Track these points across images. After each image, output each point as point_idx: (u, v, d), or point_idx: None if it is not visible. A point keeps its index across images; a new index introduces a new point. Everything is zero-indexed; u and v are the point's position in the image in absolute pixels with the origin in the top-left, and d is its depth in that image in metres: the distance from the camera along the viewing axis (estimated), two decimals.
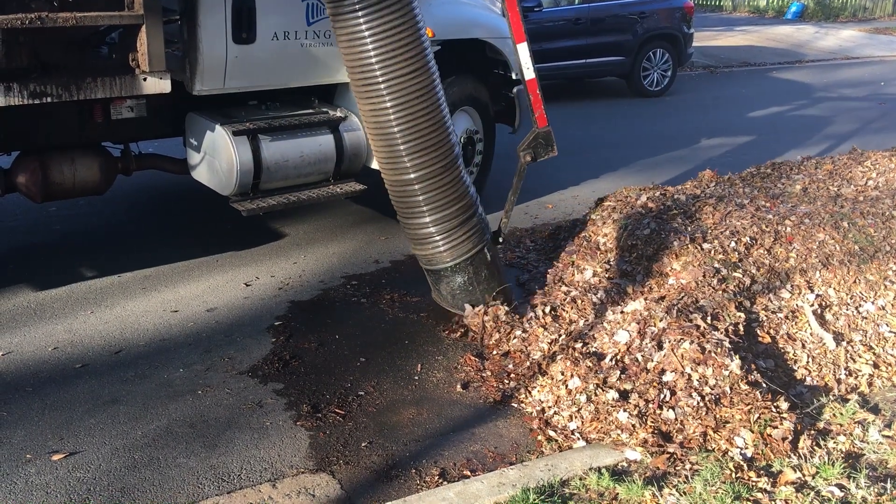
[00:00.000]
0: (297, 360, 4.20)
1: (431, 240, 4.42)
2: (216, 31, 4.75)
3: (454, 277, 4.51)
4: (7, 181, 4.87)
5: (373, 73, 4.05)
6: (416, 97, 4.11)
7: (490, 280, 4.57)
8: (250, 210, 5.06)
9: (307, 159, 5.26)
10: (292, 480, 3.28)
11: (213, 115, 5.11)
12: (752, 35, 19.16)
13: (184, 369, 4.09)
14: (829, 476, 3.16)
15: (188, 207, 6.44)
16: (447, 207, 4.34)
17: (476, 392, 3.98)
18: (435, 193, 4.30)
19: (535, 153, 4.68)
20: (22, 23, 3.93)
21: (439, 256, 4.46)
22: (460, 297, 4.56)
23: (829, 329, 4.17)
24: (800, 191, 5.75)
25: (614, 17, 11.42)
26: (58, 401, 3.78)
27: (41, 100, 4.16)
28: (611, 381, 3.73)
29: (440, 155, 4.25)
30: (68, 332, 4.40)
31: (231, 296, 4.92)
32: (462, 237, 4.42)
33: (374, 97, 4.11)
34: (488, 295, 4.55)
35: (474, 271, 4.49)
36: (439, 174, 4.27)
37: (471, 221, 4.44)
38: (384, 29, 3.98)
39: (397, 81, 4.05)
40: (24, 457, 3.37)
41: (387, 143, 4.21)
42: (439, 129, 4.23)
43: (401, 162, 4.23)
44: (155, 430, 3.59)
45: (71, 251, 5.44)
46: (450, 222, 4.37)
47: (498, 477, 3.22)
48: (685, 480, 3.15)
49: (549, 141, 4.69)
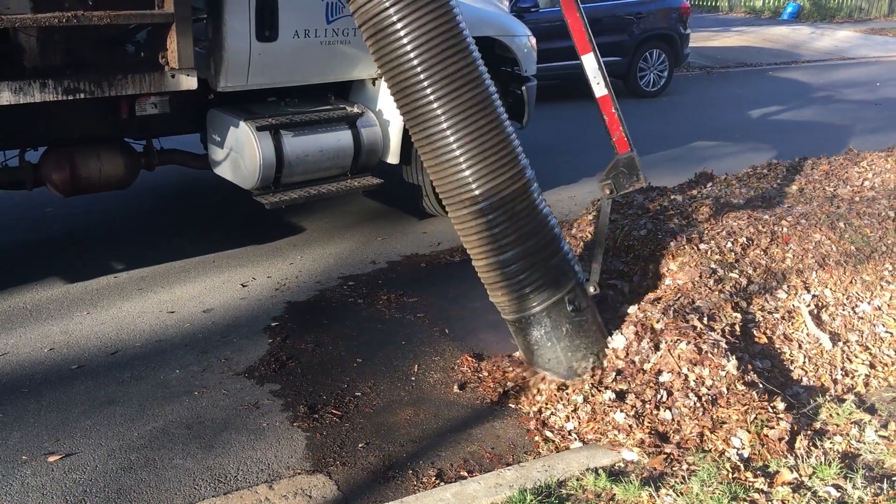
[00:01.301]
0: (293, 361, 4.20)
1: (497, 284, 3.76)
2: (241, 30, 4.90)
3: (529, 330, 3.85)
4: (36, 175, 5.02)
5: (424, 93, 3.49)
6: (474, 109, 3.52)
7: (574, 336, 3.83)
8: (273, 203, 5.19)
9: (326, 154, 5.42)
10: (289, 481, 3.28)
11: (235, 111, 5.26)
12: (749, 35, 19.20)
13: (180, 370, 4.09)
14: (825, 476, 3.16)
15: (183, 208, 6.44)
16: (520, 244, 3.63)
17: (473, 393, 3.98)
18: (507, 226, 3.60)
19: (615, 184, 3.99)
20: (59, 21, 4.08)
21: (510, 304, 3.80)
22: (539, 353, 3.89)
23: (825, 329, 4.17)
24: (796, 191, 5.75)
25: (611, 17, 11.44)
26: (54, 402, 3.77)
27: (74, 96, 4.28)
28: (607, 382, 3.73)
29: (512, 177, 3.59)
30: (64, 334, 4.39)
31: (227, 296, 4.91)
32: (536, 282, 3.72)
33: (428, 119, 3.53)
34: (572, 354, 3.83)
35: (552, 324, 3.80)
36: (511, 200, 3.58)
37: (550, 263, 3.73)
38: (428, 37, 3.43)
39: (451, 95, 3.48)
40: (20, 458, 3.36)
41: (448, 165, 3.58)
42: (507, 147, 3.61)
43: (468, 188, 3.56)
44: (151, 432, 3.58)
45: (66, 252, 5.43)
46: (520, 263, 3.66)
47: (495, 478, 3.22)
48: (682, 481, 3.15)
49: (632, 169, 3.98)
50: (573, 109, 10.58)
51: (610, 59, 11.41)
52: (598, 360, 3.85)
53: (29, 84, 4.14)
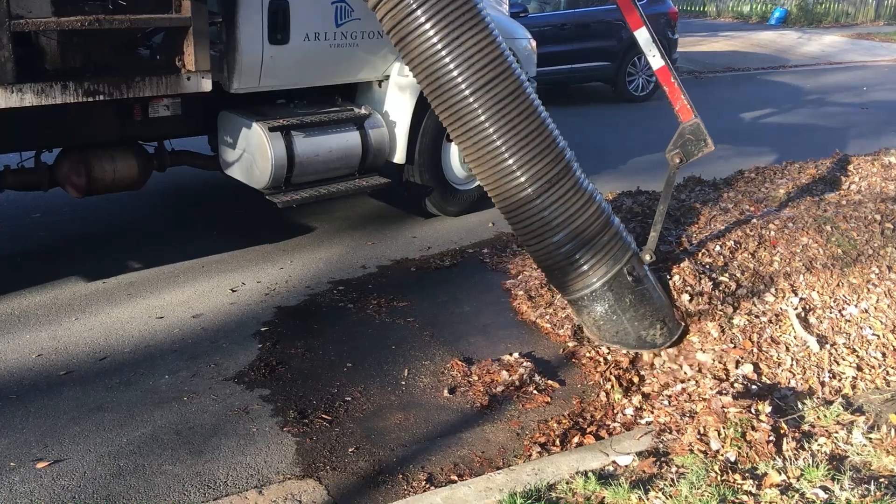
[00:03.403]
0: (283, 366, 4.19)
1: (557, 265, 3.88)
2: (254, 33, 5.01)
3: (593, 306, 3.96)
4: (51, 176, 5.11)
5: (456, 85, 3.61)
6: (508, 98, 3.64)
7: (638, 306, 3.95)
8: (284, 202, 5.31)
9: (335, 154, 5.56)
10: (279, 487, 3.27)
11: (246, 112, 5.37)
12: (736, 40, 19.32)
13: (169, 376, 4.08)
14: (813, 478, 3.17)
15: (173, 213, 6.43)
16: (570, 223, 3.76)
17: (463, 397, 3.98)
18: (555, 207, 3.72)
19: (684, 152, 4.07)
20: (81, 24, 4.14)
21: (570, 284, 3.93)
22: (606, 328, 4.02)
23: (812, 332, 4.20)
24: (783, 195, 5.79)
25: (599, 22, 11.50)
26: (42, 408, 3.75)
27: (94, 97, 4.36)
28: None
29: (554, 159, 3.72)
30: (52, 339, 4.38)
31: (217, 301, 4.90)
32: (593, 258, 3.83)
33: (464, 112, 3.66)
34: (638, 324, 3.96)
35: (615, 297, 3.91)
36: (556, 182, 3.70)
37: (602, 238, 3.84)
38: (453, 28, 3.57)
39: (484, 85, 3.60)
40: (8, 465, 3.35)
41: (491, 159, 3.71)
42: (545, 131, 3.75)
43: (513, 176, 3.70)
44: (140, 437, 3.57)
45: (54, 257, 5.41)
46: (573, 242, 3.79)
47: (485, 482, 3.22)
48: (671, 483, 3.16)
49: (698, 135, 4.04)
50: (563, 114, 10.58)
51: (599, 63, 11.49)
52: (665, 325, 3.93)
53: (51, 86, 4.20)
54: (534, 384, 4.02)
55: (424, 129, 5.99)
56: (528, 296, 4.90)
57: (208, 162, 5.84)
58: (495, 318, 4.80)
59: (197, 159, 5.82)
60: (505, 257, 5.65)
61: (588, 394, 3.99)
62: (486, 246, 5.93)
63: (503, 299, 5.04)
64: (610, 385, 3.96)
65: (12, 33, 3.95)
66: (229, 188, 6.25)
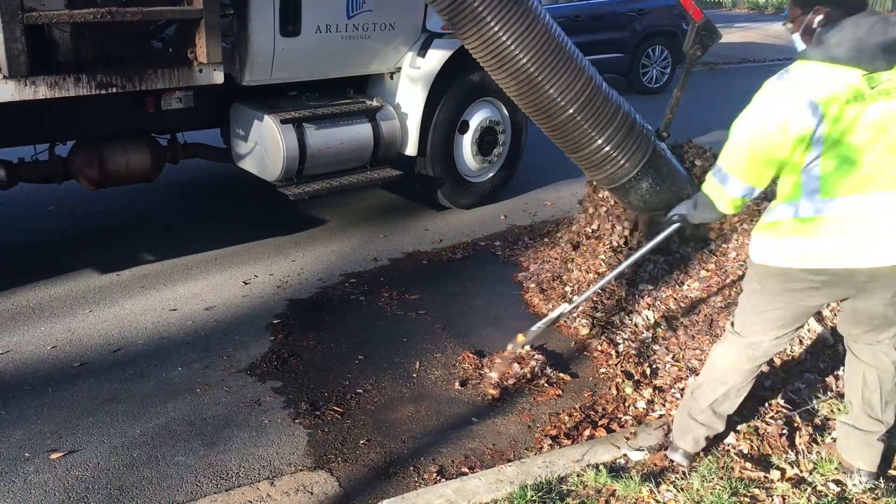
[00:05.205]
0: (295, 359, 4.21)
1: (609, 158, 4.42)
2: (265, 25, 5.00)
3: (640, 184, 4.50)
4: (65, 169, 5.13)
5: (493, 34, 4.10)
6: (539, 38, 4.16)
7: (672, 175, 4.58)
8: (296, 195, 5.32)
9: (347, 146, 5.55)
10: (290, 478, 3.29)
11: (258, 105, 5.37)
12: (752, 31, 19.17)
13: (182, 368, 4.10)
14: (826, 472, 3.16)
15: (186, 206, 6.45)
16: (611, 124, 4.37)
17: (474, 389, 3.98)
18: (597, 116, 4.33)
19: (702, 44, 4.68)
20: (94, 17, 4.16)
21: (621, 171, 4.46)
22: (651, 200, 4.55)
23: (826, 325, 4.17)
24: None
25: (613, 14, 11.42)
26: (56, 399, 3.79)
27: (107, 90, 4.38)
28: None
29: (585, 81, 4.31)
30: (67, 331, 4.41)
31: (229, 294, 4.92)
32: (634, 144, 4.43)
33: (506, 59, 4.16)
34: (677, 188, 4.54)
35: (655, 172, 4.50)
36: (592, 98, 4.31)
37: (635, 128, 4.47)
38: None
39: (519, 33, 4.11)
40: (23, 455, 3.38)
41: (536, 93, 4.25)
42: (571, 59, 4.32)
43: (556, 104, 4.27)
44: (153, 429, 3.59)
45: (68, 250, 5.45)
46: (619, 136, 4.39)
47: (496, 474, 3.22)
48: (682, 476, 3.16)
49: (710, 29, 4.68)
50: None
51: (612, 55, 11.41)
52: (690, 192, 4.37)
53: (64, 79, 4.22)
54: (545, 377, 4.01)
55: (436, 122, 5.99)
56: (539, 288, 4.89)
57: (221, 154, 5.86)
58: (507, 311, 4.79)
59: (209, 152, 5.84)
60: (517, 250, 5.65)
61: (600, 387, 3.98)
62: (498, 238, 5.93)
63: (515, 292, 5.03)
64: (619, 379, 3.95)
65: (25, 26, 3.97)
66: (242, 181, 6.26)
